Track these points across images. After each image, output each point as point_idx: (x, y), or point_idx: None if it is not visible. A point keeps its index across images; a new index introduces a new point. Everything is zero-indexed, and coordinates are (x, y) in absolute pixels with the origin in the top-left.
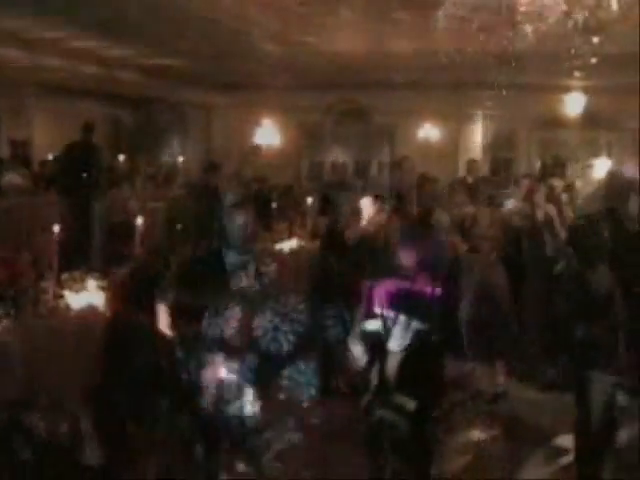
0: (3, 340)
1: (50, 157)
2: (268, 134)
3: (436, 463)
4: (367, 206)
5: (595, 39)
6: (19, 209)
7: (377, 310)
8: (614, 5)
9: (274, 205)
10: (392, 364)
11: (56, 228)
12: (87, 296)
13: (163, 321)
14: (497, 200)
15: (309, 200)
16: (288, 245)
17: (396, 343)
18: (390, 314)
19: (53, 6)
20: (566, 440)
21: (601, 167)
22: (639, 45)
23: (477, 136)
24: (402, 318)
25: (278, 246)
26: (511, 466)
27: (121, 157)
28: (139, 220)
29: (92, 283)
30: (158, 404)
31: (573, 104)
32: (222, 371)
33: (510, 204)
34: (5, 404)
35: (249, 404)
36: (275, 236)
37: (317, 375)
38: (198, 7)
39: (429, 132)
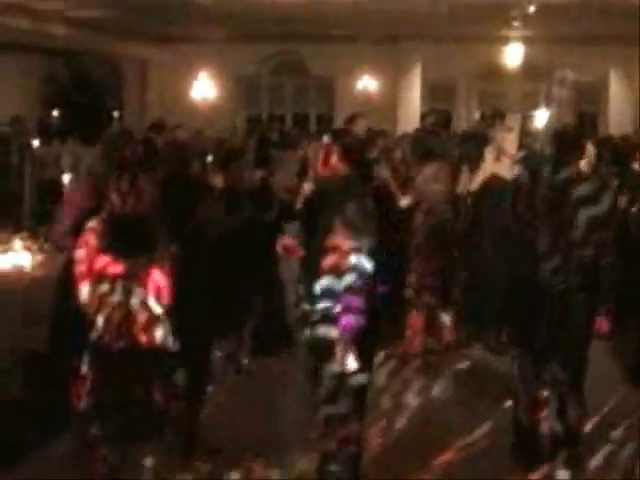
0: None
1: None
2: (204, 87)
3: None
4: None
5: None
6: None
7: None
8: None
9: (209, 159)
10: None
11: None
12: (14, 257)
13: None
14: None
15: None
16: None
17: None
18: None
19: None
20: None
21: (540, 118)
22: None
23: (416, 87)
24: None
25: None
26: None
27: (55, 112)
28: (66, 177)
29: (19, 244)
30: None
31: (512, 55)
32: None
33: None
34: None
35: None
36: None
37: None
38: None
39: (368, 84)
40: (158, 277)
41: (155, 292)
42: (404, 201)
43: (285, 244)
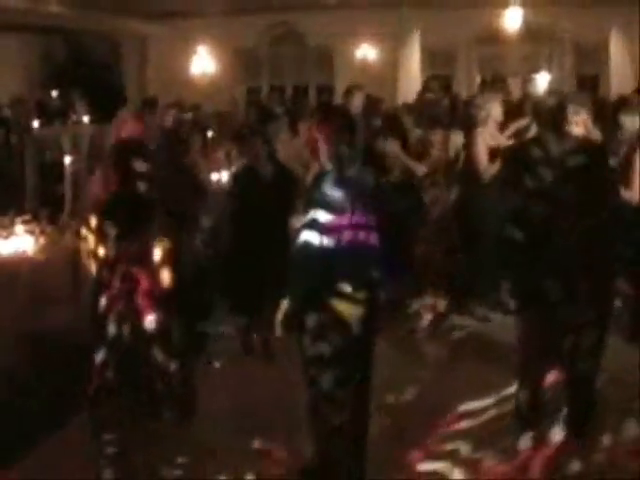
0: None
1: None
2: (203, 62)
3: None
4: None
5: None
6: None
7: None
8: None
9: (210, 133)
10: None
11: None
12: (16, 241)
13: None
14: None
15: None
16: (226, 175)
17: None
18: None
19: None
20: None
21: (542, 81)
22: None
23: (415, 54)
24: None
25: (215, 175)
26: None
27: (54, 93)
28: (67, 159)
29: (21, 228)
30: None
31: (511, 18)
32: None
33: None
34: None
35: None
36: (212, 165)
37: None
38: None
39: (367, 53)
40: (157, 258)
41: (154, 273)
42: (420, 169)
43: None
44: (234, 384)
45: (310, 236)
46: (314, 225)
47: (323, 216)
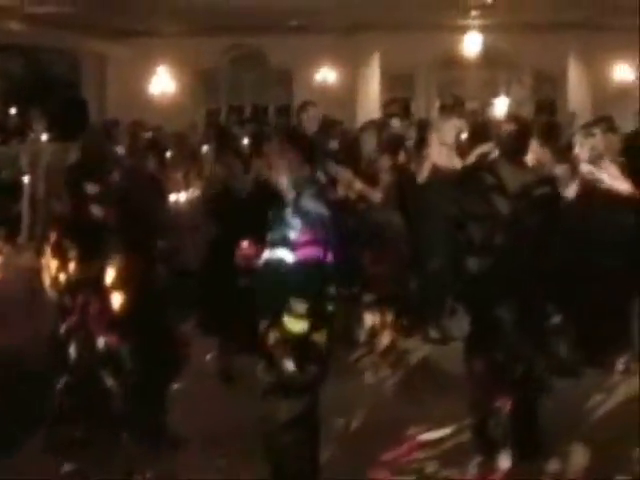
0: None
1: None
2: (163, 82)
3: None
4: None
5: None
6: None
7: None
8: None
9: (169, 154)
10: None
11: None
12: None
13: None
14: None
15: (205, 148)
16: (184, 196)
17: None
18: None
19: None
20: None
21: (500, 106)
22: None
23: (374, 77)
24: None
25: (173, 197)
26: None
27: (12, 110)
28: (26, 178)
29: None
30: None
31: (471, 43)
32: None
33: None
34: None
35: None
36: (171, 186)
37: None
38: None
39: (326, 75)
40: (111, 281)
41: (108, 296)
42: (376, 195)
43: (243, 250)
44: (199, 405)
45: (269, 253)
46: (273, 242)
47: (281, 234)
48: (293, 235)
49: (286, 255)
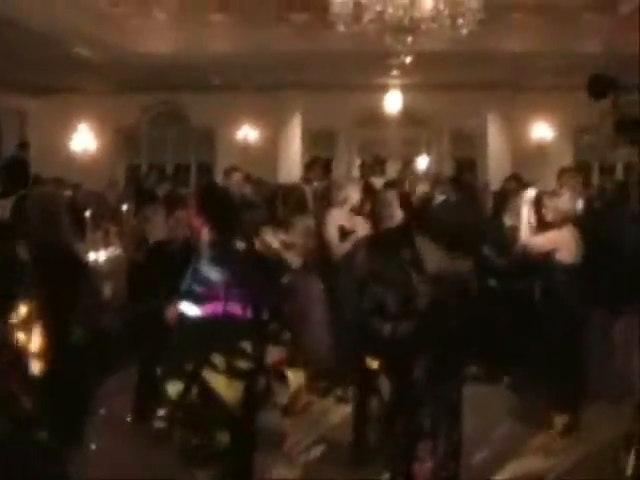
0: None
1: None
2: (84, 139)
3: None
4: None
5: (409, 38)
6: None
7: None
8: (427, 4)
9: (87, 213)
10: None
11: None
12: None
13: None
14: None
15: (124, 207)
16: (103, 255)
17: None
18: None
19: None
20: None
21: (421, 164)
22: None
23: (296, 136)
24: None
25: (92, 256)
26: None
27: None
28: None
29: None
30: None
31: (391, 102)
32: None
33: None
34: None
35: None
36: (89, 246)
37: None
38: (4, 10)
39: (248, 133)
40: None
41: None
42: (296, 261)
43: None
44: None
45: (186, 308)
46: (189, 298)
47: (198, 290)
48: (199, 290)
49: (192, 310)
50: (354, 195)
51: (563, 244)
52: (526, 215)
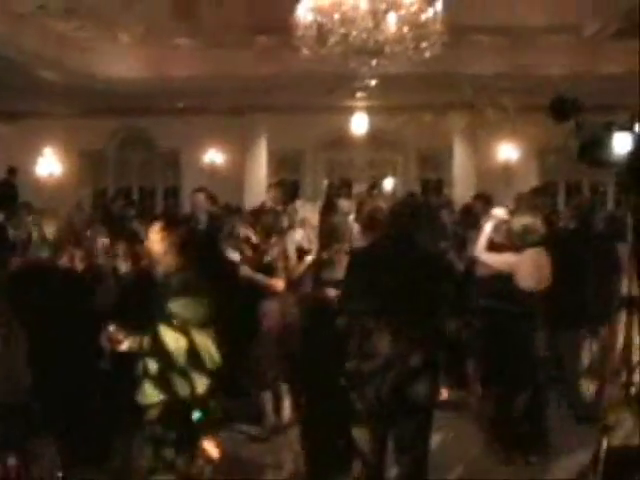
0: None
1: None
2: (50, 163)
3: None
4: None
5: (373, 61)
6: None
7: None
8: (391, 27)
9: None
10: None
11: None
12: None
13: None
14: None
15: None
16: None
17: None
18: None
19: None
20: None
21: (387, 185)
22: None
23: (262, 159)
24: None
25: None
26: None
27: None
28: None
29: None
30: None
31: (357, 124)
32: None
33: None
34: None
35: None
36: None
37: None
38: None
39: (214, 157)
40: None
41: None
42: (280, 284)
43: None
44: None
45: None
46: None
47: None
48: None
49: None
50: (312, 216)
51: (521, 269)
52: (488, 232)
